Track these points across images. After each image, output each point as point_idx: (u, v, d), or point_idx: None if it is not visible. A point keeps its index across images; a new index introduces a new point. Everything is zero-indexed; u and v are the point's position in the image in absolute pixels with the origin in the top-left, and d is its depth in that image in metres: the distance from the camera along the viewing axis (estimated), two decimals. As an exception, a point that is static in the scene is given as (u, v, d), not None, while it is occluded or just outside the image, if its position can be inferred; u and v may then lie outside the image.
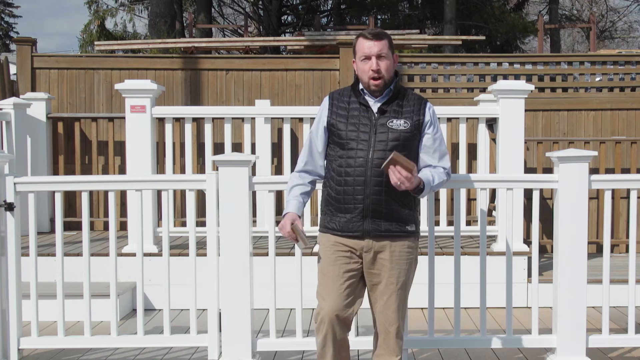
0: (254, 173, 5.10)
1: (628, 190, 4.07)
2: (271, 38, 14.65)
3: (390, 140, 2.96)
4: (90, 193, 4.62)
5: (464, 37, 12.63)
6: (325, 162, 3.15)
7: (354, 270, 3.03)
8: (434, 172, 3.04)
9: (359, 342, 3.86)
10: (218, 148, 6.23)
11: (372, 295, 3.10)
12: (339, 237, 3.03)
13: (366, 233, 2.99)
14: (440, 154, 3.09)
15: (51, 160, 6.83)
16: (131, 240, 5.33)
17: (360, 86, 3.06)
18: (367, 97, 3.04)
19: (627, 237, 5.03)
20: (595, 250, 6.46)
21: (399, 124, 2.98)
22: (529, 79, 7.22)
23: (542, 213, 4.28)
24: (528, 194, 4.57)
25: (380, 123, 2.98)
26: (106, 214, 6.61)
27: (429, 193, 3.12)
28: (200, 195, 5.34)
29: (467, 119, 5.78)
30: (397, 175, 2.82)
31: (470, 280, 4.54)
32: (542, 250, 6.19)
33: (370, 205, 2.96)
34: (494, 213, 5.86)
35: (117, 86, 5.46)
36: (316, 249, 3.25)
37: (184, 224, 5.63)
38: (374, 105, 3.02)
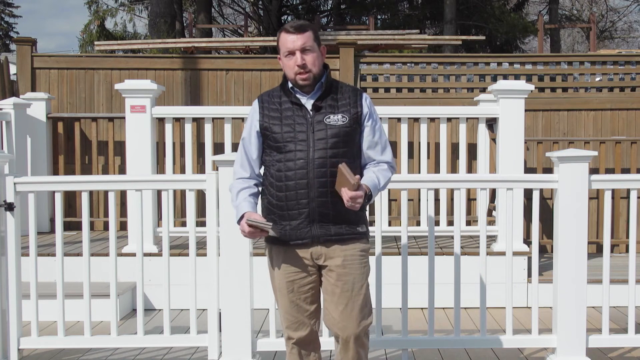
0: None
1: (628, 190, 4.07)
2: (271, 38, 14.60)
3: (329, 137, 2.79)
4: (90, 193, 4.62)
5: (464, 37, 12.63)
6: (261, 169, 2.99)
7: (311, 282, 2.90)
8: (378, 171, 2.89)
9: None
10: (218, 148, 6.23)
11: (327, 303, 2.90)
12: (287, 247, 2.86)
13: (315, 239, 2.82)
14: (382, 146, 2.92)
15: (51, 160, 6.83)
16: (131, 240, 5.33)
17: (290, 84, 2.88)
18: (298, 95, 2.86)
19: (627, 237, 5.03)
20: (595, 250, 6.46)
21: (337, 119, 2.81)
22: (529, 79, 7.22)
23: (542, 213, 4.29)
24: (528, 194, 4.58)
25: (317, 120, 2.81)
26: (106, 214, 6.61)
27: (376, 194, 2.95)
28: (200, 195, 5.34)
29: (467, 119, 5.78)
30: (346, 199, 2.67)
31: (470, 280, 4.54)
32: (542, 250, 6.20)
33: (317, 209, 2.79)
34: (494, 213, 5.86)
35: (117, 86, 5.46)
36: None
37: (184, 224, 5.63)
38: (307, 102, 2.84)
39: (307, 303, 2.92)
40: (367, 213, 3.05)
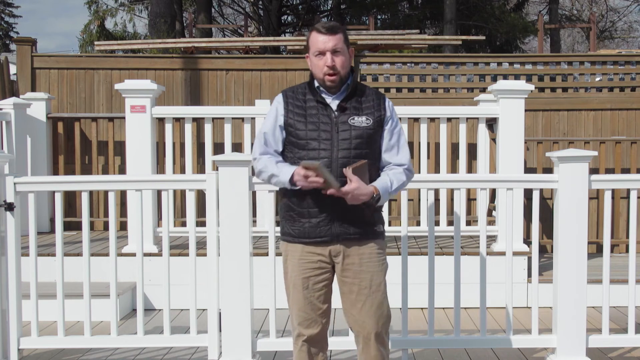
0: (254, 173, 5.09)
1: (628, 190, 4.07)
2: (271, 38, 14.64)
3: (353, 138, 2.83)
4: (90, 193, 4.62)
5: (464, 37, 12.62)
6: None
7: (325, 280, 2.93)
8: (393, 174, 2.91)
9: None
10: (218, 148, 6.22)
11: (346, 302, 2.94)
12: (305, 245, 2.89)
13: (335, 237, 2.86)
14: (397, 149, 2.96)
15: (51, 160, 6.83)
16: (131, 240, 5.32)
17: (316, 83, 2.92)
18: (324, 95, 2.90)
19: (627, 237, 5.03)
20: (595, 250, 6.46)
21: (361, 120, 2.86)
22: (529, 79, 7.22)
23: (542, 213, 4.28)
24: (528, 194, 4.57)
25: (341, 121, 2.85)
26: (106, 214, 6.61)
27: (392, 196, 2.96)
28: (200, 195, 5.34)
29: (467, 119, 5.78)
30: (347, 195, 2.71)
31: (470, 280, 4.54)
32: (542, 250, 6.20)
33: (338, 208, 2.82)
34: (494, 213, 5.86)
35: (117, 86, 5.46)
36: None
37: (184, 224, 5.63)
38: (332, 102, 2.89)
39: (320, 301, 2.94)
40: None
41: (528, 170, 6.25)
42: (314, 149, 2.84)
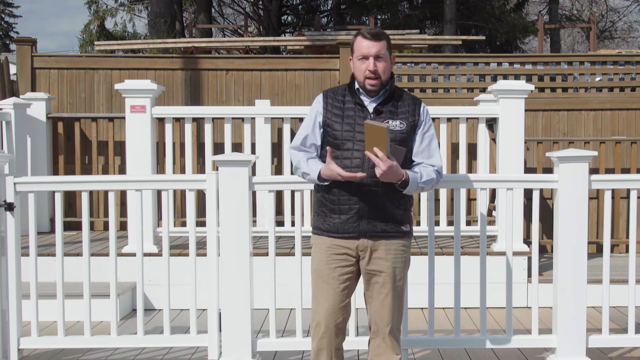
0: (254, 173, 5.10)
1: (628, 190, 4.07)
2: (271, 38, 14.65)
3: None
4: (90, 193, 4.62)
5: (464, 37, 12.64)
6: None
7: (350, 272, 3.04)
8: (423, 169, 3.02)
9: (358, 342, 3.86)
10: (218, 148, 6.23)
11: (368, 295, 3.09)
12: (334, 239, 3.01)
13: (362, 234, 2.98)
14: (429, 152, 3.06)
15: (51, 160, 6.83)
16: (131, 240, 5.33)
17: (356, 85, 3.04)
18: (362, 97, 3.01)
19: (627, 237, 5.03)
20: (595, 250, 6.46)
21: (395, 124, 2.97)
22: (529, 79, 7.22)
23: (542, 213, 4.28)
24: (528, 194, 4.57)
25: None
26: (106, 214, 6.61)
27: (418, 190, 3.05)
28: (200, 195, 5.34)
29: (467, 119, 5.78)
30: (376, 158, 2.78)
31: (470, 280, 4.53)
32: (542, 250, 6.19)
33: (367, 206, 2.95)
34: (494, 213, 5.85)
35: (117, 86, 5.46)
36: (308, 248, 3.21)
37: (184, 224, 5.63)
38: (370, 105, 3.00)
39: (344, 295, 3.05)
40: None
41: (528, 170, 6.25)
42: (348, 149, 2.95)
